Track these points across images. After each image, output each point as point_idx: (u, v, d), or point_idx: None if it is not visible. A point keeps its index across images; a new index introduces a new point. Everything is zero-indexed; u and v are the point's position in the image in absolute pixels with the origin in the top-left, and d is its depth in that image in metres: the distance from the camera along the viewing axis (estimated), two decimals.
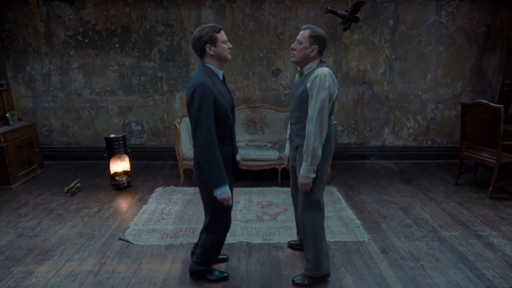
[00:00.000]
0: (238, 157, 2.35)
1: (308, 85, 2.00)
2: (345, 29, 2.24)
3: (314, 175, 2.09)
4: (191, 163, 3.42)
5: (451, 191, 4.01)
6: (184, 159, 4.17)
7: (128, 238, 2.96)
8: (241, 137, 4.68)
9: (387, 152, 5.16)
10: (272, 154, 4.14)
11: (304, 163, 2.07)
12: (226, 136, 2.06)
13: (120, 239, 2.95)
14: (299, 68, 2.22)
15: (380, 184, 4.24)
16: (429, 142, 5.18)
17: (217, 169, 1.92)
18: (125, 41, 4.71)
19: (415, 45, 4.77)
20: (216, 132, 1.93)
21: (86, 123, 5.03)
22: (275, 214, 3.44)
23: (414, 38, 4.75)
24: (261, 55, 4.79)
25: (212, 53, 1.95)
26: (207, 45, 1.93)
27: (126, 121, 5.02)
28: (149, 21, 4.64)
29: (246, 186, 4.16)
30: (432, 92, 4.96)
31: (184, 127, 4.22)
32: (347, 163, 5.02)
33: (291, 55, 2.14)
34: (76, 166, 4.90)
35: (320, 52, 2.08)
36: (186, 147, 4.17)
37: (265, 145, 4.48)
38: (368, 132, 5.12)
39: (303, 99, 2.06)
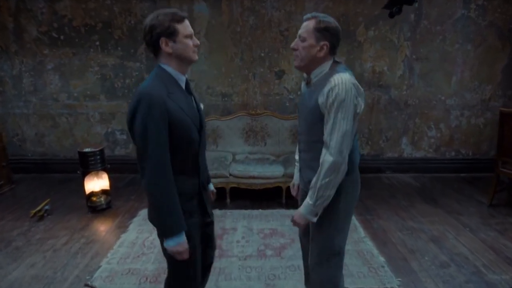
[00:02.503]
0: (211, 187, 1.79)
1: (321, 99, 1.40)
2: (392, 15, 1.63)
3: (314, 220, 1.50)
4: None
5: (487, 214, 3.41)
6: None
7: (97, 283, 2.35)
8: (240, 148, 4.08)
9: (405, 164, 4.56)
10: (276, 171, 3.54)
11: (307, 200, 1.49)
12: (191, 167, 1.50)
13: (86, 285, 2.34)
14: (305, 75, 1.61)
15: (401, 205, 3.64)
16: (453, 154, 4.58)
17: (169, 214, 1.36)
18: (107, 39, 4.11)
19: (439, 44, 4.18)
20: (175, 163, 1.39)
21: (63, 131, 4.43)
22: (280, 247, 2.83)
23: (438, 36, 4.16)
24: (262, 54, 4.19)
25: (170, 50, 1.37)
26: (162, 39, 1.35)
27: (109, 130, 4.42)
28: (134, 15, 4.05)
29: (246, 208, 3.56)
30: (457, 97, 4.36)
31: None
32: (361, 177, 4.41)
33: (294, 58, 1.53)
34: (52, 180, 4.31)
35: (332, 51, 1.47)
36: None
37: (268, 158, 3.88)
38: (384, 142, 4.51)
39: (315, 119, 1.47)
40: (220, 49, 4.15)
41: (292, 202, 3.65)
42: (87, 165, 3.34)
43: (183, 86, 1.46)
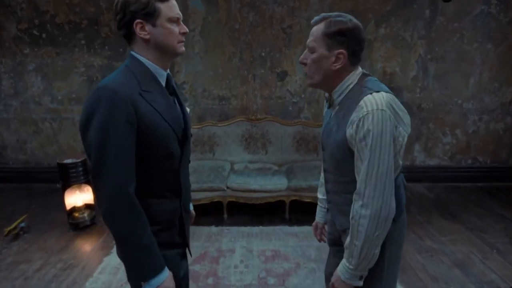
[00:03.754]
0: (191, 207, 1.44)
1: (350, 131, 1.06)
2: None
3: (361, 283, 1.13)
4: None
5: None
6: None
7: None
8: (238, 157, 3.74)
9: (417, 173, 4.20)
10: (279, 183, 3.19)
11: (345, 263, 1.13)
12: (170, 188, 1.16)
13: None
14: (326, 94, 1.26)
15: (417, 221, 3.29)
16: (469, 162, 4.23)
17: (141, 251, 1.04)
18: (93, 37, 3.76)
19: (456, 42, 3.82)
20: (149, 183, 1.08)
21: (47, 137, 4.08)
22: (284, 273, 2.48)
23: (455, 33, 3.80)
24: (263, 54, 3.84)
25: (146, 36, 1.05)
26: (138, 21, 1.03)
27: None
28: None
29: (245, 224, 3.21)
30: (475, 101, 4.01)
31: None
32: None
33: (306, 75, 1.19)
34: (34, 191, 3.96)
35: (354, 59, 1.12)
36: None
37: (269, 168, 3.53)
38: None
39: (345, 155, 1.11)
40: (217, 48, 3.80)
41: (297, 217, 3.32)
42: (67, 177, 2.99)
43: (163, 83, 1.13)
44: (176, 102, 1.20)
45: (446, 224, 3.22)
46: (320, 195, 1.51)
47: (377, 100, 1.02)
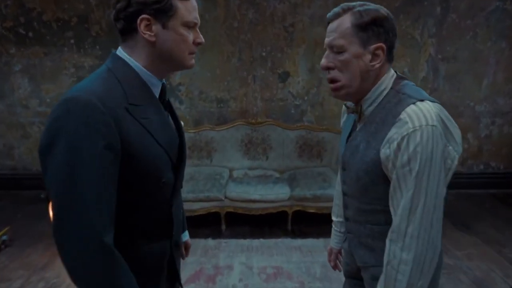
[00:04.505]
0: (186, 236, 1.21)
1: (387, 151, 0.84)
2: None
3: None
4: None
5: None
6: None
7: None
8: (237, 163, 3.52)
9: None
10: (281, 192, 2.97)
11: None
12: (156, 225, 0.92)
13: None
14: (348, 103, 1.04)
15: None
16: (482, 167, 4.01)
17: None
18: (83, 36, 3.55)
19: (468, 41, 3.62)
20: (132, 223, 0.85)
21: (35, 142, 3.86)
22: None
23: (468, 31, 3.59)
24: (263, 54, 3.63)
25: (152, 38, 0.81)
26: (144, 16, 0.79)
27: None
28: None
29: (244, 236, 3.00)
30: (488, 103, 3.80)
31: None
32: None
33: (330, 85, 0.93)
34: (22, 198, 3.75)
35: (391, 55, 0.91)
36: None
37: (271, 175, 3.32)
38: None
39: (375, 178, 0.89)
40: (214, 48, 3.59)
41: (300, 229, 3.10)
42: None
43: (157, 94, 0.89)
44: (169, 116, 0.97)
45: (461, 237, 3.00)
46: (334, 216, 1.30)
47: (425, 112, 0.80)
